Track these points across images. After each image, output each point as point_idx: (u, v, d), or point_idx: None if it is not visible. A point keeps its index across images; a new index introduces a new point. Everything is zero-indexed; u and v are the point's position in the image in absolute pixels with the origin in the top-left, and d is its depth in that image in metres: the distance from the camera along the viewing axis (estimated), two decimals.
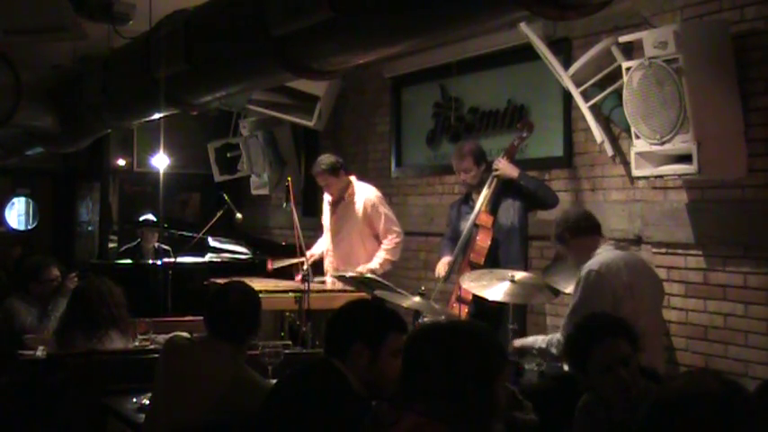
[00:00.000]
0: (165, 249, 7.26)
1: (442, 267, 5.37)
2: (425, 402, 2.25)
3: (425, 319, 4.63)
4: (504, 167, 5.19)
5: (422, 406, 2.25)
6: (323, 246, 6.41)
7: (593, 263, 4.06)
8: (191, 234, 7.16)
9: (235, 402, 3.19)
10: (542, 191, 5.21)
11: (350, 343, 2.76)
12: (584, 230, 4.24)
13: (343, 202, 6.20)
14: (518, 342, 4.35)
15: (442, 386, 2.25)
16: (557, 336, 4.14)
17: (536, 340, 4.29)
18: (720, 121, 4.31)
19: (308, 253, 6.28)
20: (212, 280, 6.11)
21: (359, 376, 2.74)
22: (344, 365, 2.75)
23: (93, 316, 4.51)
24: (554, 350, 4.11)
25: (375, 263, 5.99)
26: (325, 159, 6.18)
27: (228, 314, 3.35)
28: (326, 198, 6.36)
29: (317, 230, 6.67)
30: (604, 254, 4.11)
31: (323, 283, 6.16)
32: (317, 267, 6.25)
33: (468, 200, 5.43)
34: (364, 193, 6.16)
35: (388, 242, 6.08)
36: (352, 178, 6.25)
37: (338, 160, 6.19)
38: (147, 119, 5.85)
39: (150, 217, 8.16)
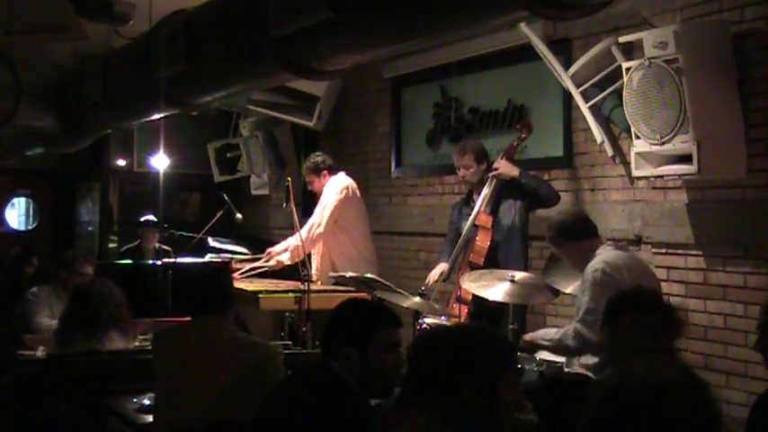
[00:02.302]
0: (165, 250, 7.26)
1: (436, 272, 5.37)
2: (430, 403, 2.25)
3: (426, 319, 4.64)
4: (505, 167, 5.19)
5: (427, 407, 2.25)
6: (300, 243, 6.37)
7: (597, 262, 4.05)
8: (191, 234, 7.15)
9: (245, 363, 3.28)
10: (544, 188, 5.22)
11: (338, 346, 2.78)
12: (581, 235, 4.24)
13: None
14: (529, 336, 4.32)
15: (445, 388, 2.25)
16: (572, 327, 4.07)
17: (547, 332, 4.25)
18: (720, 121, 4.31)
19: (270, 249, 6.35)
20: None
21: (353, 376, 2.75)
22: (342, 367, 2.77)
23: (93, 316, 4.51)
24: (570, 342, 4.04)
25: (285, 256, 6.10)
26: (313, 157, 6.36)
27: (201, 291, 3.48)
28: None
29: None
30: (605, 253, 4.11)
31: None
32: None
33: (469, 200, 5.44)
34: (332, 181, 6.22)
35: (308, 232, 6.06)
36: (339, 175, 6.27)
37: (323, 161, 6.29)
38: (147, 119, 5.85)
39: (151, 218, 8.16)
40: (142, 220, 8.16)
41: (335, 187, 6.18)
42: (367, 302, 4.13)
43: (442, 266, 5.36)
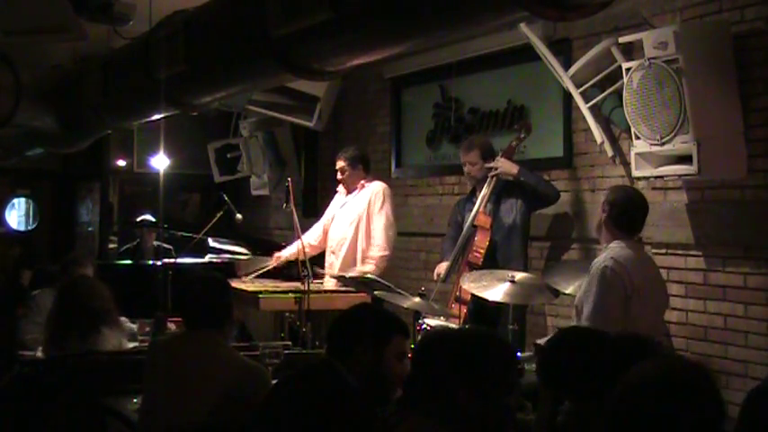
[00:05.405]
0: (165, 248, 7.26)
1: (441, 268, 5.39)
2: (428, 404, 2.26)
3: (426, 319, 4.64)
4: (504, 165, 5.21)
5: (425, 408, 2.26)
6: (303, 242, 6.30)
7: (606, 259, 3.97)
8: (191, 234, 7.15)
9: (234, 385, 3.23)
10: (543, 186, 5.24)
11: (354, 344, 2.77)
12: (619, 228, 4.13)
13: (354, 194, 6.18)
14: (540, 341, 4.30)
15: (442, 389, 2.25)
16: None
17: None
18: (720, 121, 4.31)
19: (277, 254, 6.29)
20: None
21: (361, 378, 2.74)
22: (347, 367, 2.76)
23: (84, 311, 4.42)
24: None
25: (368, 267, 5.92)
26: (350, 149, 6.25)
27: (196, 302, 3.41)
28: (340, 190, 6.33)
29: None
30: (617, 250, 4.03)
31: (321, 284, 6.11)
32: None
33: (472, 197, 5.46)
34: (376, 186, 6.13)
35: (379, 249, 5.95)
36: (377, 183, 6.18)
37: (361, 155, 6.22)
38: (147, 119, 5.85)
39: (148, 217, 8.16)
40: (140, 219, 8.16)
41: (381, 186, 6.12)
42: (384, 309, 4.14)
43: (447, 264, 5.37)
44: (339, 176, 6.22)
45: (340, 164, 6.16)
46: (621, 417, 1.84)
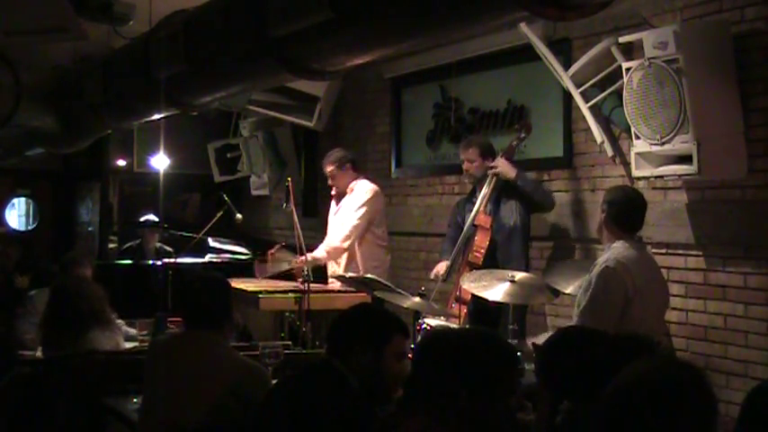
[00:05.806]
0: (166, 250, 7.26)
1: (440, 268, 5.40)
2: (429, 405, 2.26)
3: (426, 319, 4.64)
4: (503, 166, 5.21)
5: (426, 409, 2.26)
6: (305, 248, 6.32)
7: (609, 259, 3.96)
8: (191, 234, 7.15)
9: (234, 385, 3.22)
10: (538, 194, 5.22)
11: (353, 344, 2.78)
12: (620, 225, 4.10)
13: (345, 197, 6.19)
14: (537, 340, 4.30)
15: (444, 389, 2.25)
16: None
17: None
18: (720, 121, 4.31)
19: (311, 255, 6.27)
20: None
21: (361, 377, 2.75)
22: (346, 366, 2.76)
23: (75, 312, 4.40)
24: None
25: (319, 254, 5.99)
26: (335, 152, 6.24)
27: (196, 302, 3.41)
28: (333, 194, 6.35)
29: (317, 231, 6.66)
30: (620, 250, 4.01)
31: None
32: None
33: (472, 197, 5.46)
34: (363, 186, 6.15)
35: (337, 240, 6.01)
36: (364, 182, 6.19)
37: (346, 155, 6.21)
38: (147, 119, 5.85)
39: (151, 217, 8.16)
40: (143, 219, 8.15)
41: (369, 186, 6.13)
42: (383, 308, 4.14)
43: (446, 263, 5.38)
44: (330, 182, 6.23)
45: (329, 168, 6.16)
46: (613, 417, 1.84)
